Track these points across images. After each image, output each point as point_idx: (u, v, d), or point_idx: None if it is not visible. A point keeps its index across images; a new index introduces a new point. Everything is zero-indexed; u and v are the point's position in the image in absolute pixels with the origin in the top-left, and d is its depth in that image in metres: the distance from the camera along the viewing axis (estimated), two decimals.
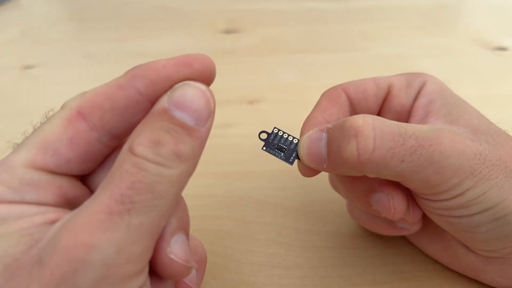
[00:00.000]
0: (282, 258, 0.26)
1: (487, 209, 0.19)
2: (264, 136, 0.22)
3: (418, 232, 0.24)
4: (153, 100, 0.16)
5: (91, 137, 0.16)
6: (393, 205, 0.21)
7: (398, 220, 0.23)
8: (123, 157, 0.14)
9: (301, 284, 0.25)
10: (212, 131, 0.16)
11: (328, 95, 0.24)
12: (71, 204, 0.16)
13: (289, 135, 0.22)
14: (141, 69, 0.16)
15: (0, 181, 0.14)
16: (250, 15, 0.65)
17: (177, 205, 0.16)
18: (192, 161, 0.15)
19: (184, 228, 0.17)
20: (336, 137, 0.19)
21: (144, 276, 0.15)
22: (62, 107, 0.16)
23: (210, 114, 0.15)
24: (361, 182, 0.22)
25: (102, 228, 0.13)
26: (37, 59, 0.53)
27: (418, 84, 0.23)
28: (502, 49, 0.52)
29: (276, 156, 0.22)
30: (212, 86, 0.17)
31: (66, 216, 0.14)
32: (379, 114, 0.25)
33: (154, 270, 0.16)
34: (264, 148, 0.22)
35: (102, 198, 0.13)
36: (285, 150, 0.22)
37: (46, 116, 0.17)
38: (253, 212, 0.30)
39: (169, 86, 0.16)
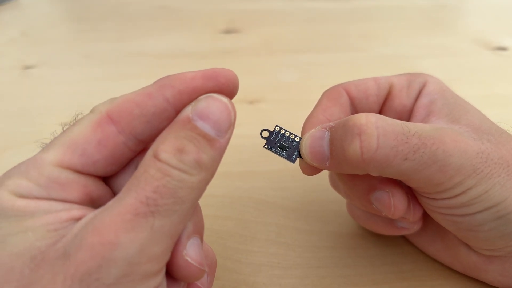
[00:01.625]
0: (282, 258, 0.26)
1: (490, 207, 0.19)
2: (266, 134, 0.22)
3: (418, 232, 0.24)
4: (178, 109, 0.17)
5: (118, 140, 0.16)
6: (394, 203, 0.21)
7: (398, 219, 0.23)
8: (147, 162, 0.15)
9: (301, 284, 0.24)
10: None
11: (329, 94, 0.24)
12: (94, 203, 0.16)
13: (291, 133, 0.22)
14: (170, 80, 0.17)
15: (29, 178, 0.15)
16: (250, 15, 0.65)
17: (194, 210, 0.17)
18: (211, 170, 0.16)
19: (199, 232, 0.17)
20: (339, 136, 0.19)
21: (161, 276, 0.15)
22: (92, 111, 0.17)
23: (230, 125, 0.16)
24: (362, 180, 0.22)
25: (128, 228, 0.13)
26: (37, 59, 0.53)
27: (419, 84, 0.23)
28: (502, 49, 0.52)
29: (278, 154, 0.22)
30: None
31: (90, 214, 0.15)
32: (380, 114, 0.24)
33: (170, 272, 0.16)
34: (266, 146, 0.22)
35: (128, 199, 0.14)
36: (287, 148, 0.22)
37: (75, 118, 0.18)
38: (253, 212, 0.29)
39: (195, 96, 0.17)
